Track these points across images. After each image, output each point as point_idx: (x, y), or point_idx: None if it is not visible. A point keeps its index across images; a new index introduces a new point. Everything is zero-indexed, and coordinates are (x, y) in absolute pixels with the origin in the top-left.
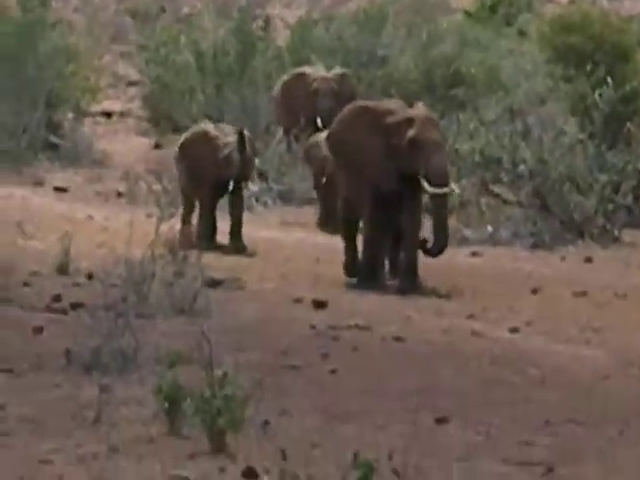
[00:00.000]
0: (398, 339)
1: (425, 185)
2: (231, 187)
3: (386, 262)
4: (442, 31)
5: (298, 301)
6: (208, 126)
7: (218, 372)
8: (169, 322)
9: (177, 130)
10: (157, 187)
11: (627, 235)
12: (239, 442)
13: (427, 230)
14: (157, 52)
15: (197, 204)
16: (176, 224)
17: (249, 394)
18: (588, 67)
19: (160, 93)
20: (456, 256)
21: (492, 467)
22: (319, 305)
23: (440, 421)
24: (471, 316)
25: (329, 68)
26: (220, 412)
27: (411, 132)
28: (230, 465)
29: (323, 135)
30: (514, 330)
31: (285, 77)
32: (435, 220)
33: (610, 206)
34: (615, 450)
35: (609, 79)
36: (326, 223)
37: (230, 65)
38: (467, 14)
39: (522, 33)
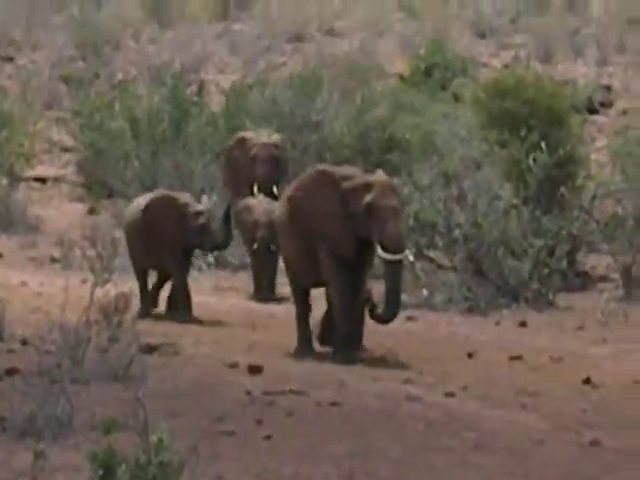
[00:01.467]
0: (334, 404)
1: (380, 251)
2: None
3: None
4: (376, 95)
5: (233, 366)
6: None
7: (153, 438)
8: (104, 388)
9: (111, 196)
10: (91, 253)
11: (562, 299)
12: None
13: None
14: (91, 118)
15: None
16: (111, 289)
17: (184, 460)
18: (522, 132)
19: (94, 159)
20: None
21: None
22: (254, 370)
23: None
24: (407, 380)
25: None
26: (155, 479)
27: (368, 197)
28: None
29: (254, 200)
30: (450, 394)
31: (230, 142)
32: (388, 286)
33: (545, 270)
34: None
35: (543, 144)
36: (258, 290)
37: (164, 131)
38: (401, 78)
39: (457, 97)
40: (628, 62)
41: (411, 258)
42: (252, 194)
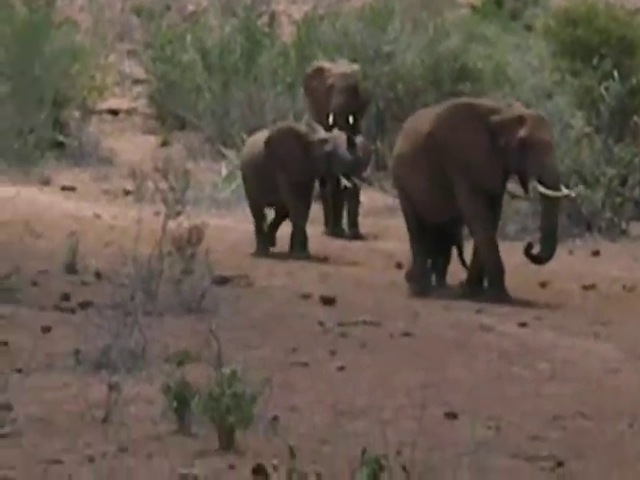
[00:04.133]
0: (406, 334)
1: (539, 187)
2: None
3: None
4: (448, 26)
5: (306, 297)
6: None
7: (226, 370)
8: (177, 320)
9: (183, 128)
10: (164, 185)
11: (635, 228)
12: (248, 440)
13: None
14: (163, 50)
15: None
16: (183, 222)
17: (258, 391)
18: (594, 61)
19: (166, 91)
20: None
21: (501, 462)
22: (327, 301)
23: (449, 416)
24: (480, 310)
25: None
26: (229, 410)
27: (523, 132)
28: (239, 462)
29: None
30: (523, 324)
31: (307, 71)
32: (545, 224)
33: (617, 199)
34: (625, 443)
35: (615, 73)
36: (332, 222)
37: (236, 62)
38: (473, 9)
39: (528, 27)
40: None
41: (573, 194)
42: (329, 125)
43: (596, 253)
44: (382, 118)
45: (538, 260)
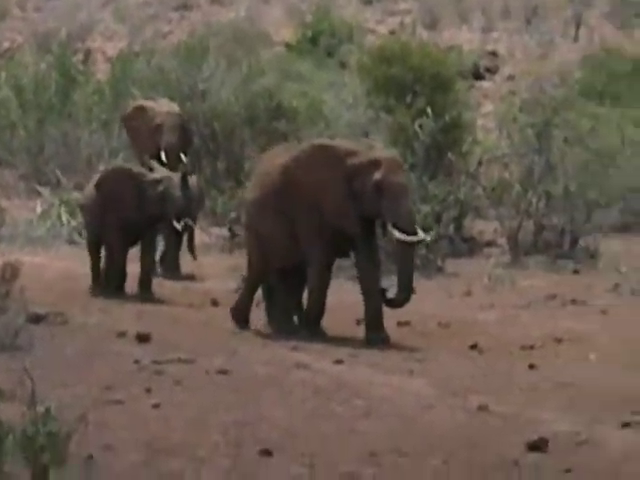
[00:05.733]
0: (222, 372)
1: (395, 233)
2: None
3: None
4: (263, 64)
5: (121, 335)
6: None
7: (41, 408)
8: None
9: None
10: None
11: (449, 265)
12: (63, 478)
13: None
14: None
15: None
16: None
17: (72, 430)
18: (408, 98)
19: None
20: None
21: None
22: (143, 339)
23: (264, 454)
24: (296, 347)
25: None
26: (43, 448)
27: (377, 175)
28: None
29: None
30: (339, 361)
31: (127, 110)
32: (401, 268)
33: (432, 236)
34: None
35: (429, 110)
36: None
37: (51, 99)
38: (288, 47)
39: (343, 65)
40: (513, 27)
41: (429, 238)
42: (161, 163)
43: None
44: (198, 156)
45: (395, 304)
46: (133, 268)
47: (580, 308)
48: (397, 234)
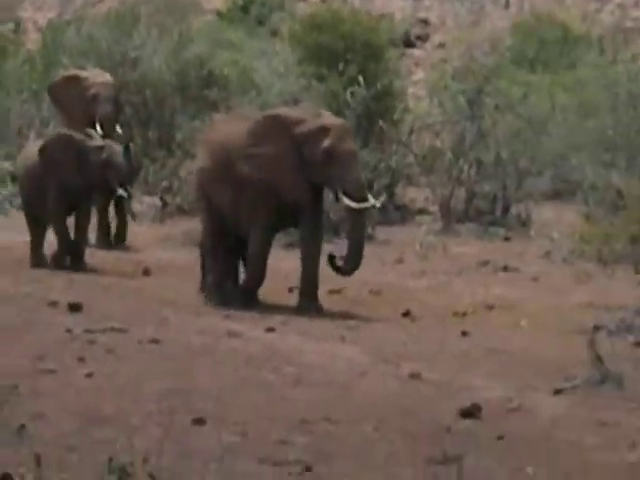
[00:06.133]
0: (154, 341)
1: (345, 200)
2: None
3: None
4: (194, 32)
5: (53, 304)
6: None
7: None
8: None
9: None
10: None
11: (381, 233)
12: None
13: None
14: None
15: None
16: None
17: (4, 399)
18: (340, 66)
19: None
20: None
21: (248, 467)
22: (74, 308)
23: (196, 422)
24: (227, 316)
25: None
26: None
27: (326, 142)
28: None
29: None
30: (270, 329)
31: (57, 79)
32: (351, 236)
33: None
34: (371, 447)
35: (361, 78)
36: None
37: None
38: (219, 15)
39: (274, 33)
40: None
41: (378, 204)
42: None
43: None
44: (129, 125)
45: (343, 271)
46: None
47: (512, 275)
48: (347, 201)
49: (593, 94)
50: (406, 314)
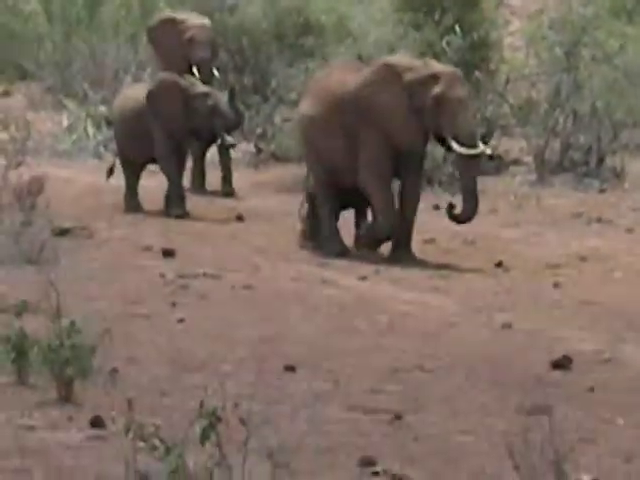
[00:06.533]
0: (247, 287)
1: (455, 146)
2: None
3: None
4: None
5: (147, 249)
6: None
7: (65, 321)
8: (17, 271)
9: (24, 78)
10: (4, 135)
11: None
12: (87, 391)
13: None
14: (4, 0)
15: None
16: (24, 172)
17: (97, 343)
18: (436, 15)
19: (8, 41)
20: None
21: (339, 414)
22: (168, 254)
23: (288, 369)
24: (322, 264)
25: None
26: (68, 361)
27: (437, 89)
28: (77, 414)
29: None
30: (363, 278)
31: (153, 22)
32: (465, 183)
33: None
34: (461, 396)
35: (457, 27)
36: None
37: (78, 13)
38: None
39: None
40: None
41: (489, 151)
42: (193, 77)
43: (437, 207)
44: (225, 70)
45: (460, 220)
46: (154, 183)
47: (605, 227)
48: (458, 147)
49: None
50: (499, 265)
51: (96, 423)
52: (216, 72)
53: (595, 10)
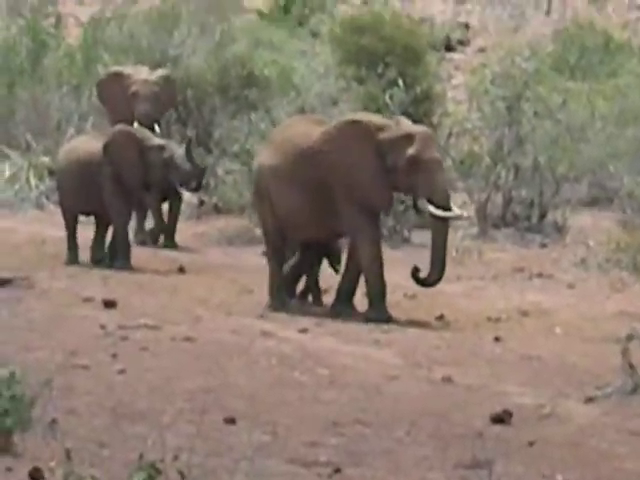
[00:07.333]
0: (188, 339)
1: (430, 207)
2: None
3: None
4: (235, 31)
5: (88, 300)
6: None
7: (5, 372)
8: None
9: None
10: None
11: (417, 236)
12: (26, 442)
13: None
14: None
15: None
16: None
17: (37, 394)
18: (380, 68)
19: None
20: (247, 256)
21: (278, 467)
22: (109, 304)
23: (228, 421)
24: (261, 316)
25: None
26: (7, 412)
27: (411, 150)
28: (17, 465)
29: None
30: (304, 330)
31: (103, 76)
32: (435, 245)
33: (400, 207)
34: (402, 450)
35: (400, 81)
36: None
37: (22, 63)
38: (260, 14)
39: (315, 34)
40: (486, 0)
41: (465, 214)
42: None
43: None
44: (167, 122)
45: (427, 284)
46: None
47: (547, 282)
48: (432, 209)
49: (633, 102)
50: (440, 318)
51: (35, 474)
52: (157, 127)
53: (537, 65)
